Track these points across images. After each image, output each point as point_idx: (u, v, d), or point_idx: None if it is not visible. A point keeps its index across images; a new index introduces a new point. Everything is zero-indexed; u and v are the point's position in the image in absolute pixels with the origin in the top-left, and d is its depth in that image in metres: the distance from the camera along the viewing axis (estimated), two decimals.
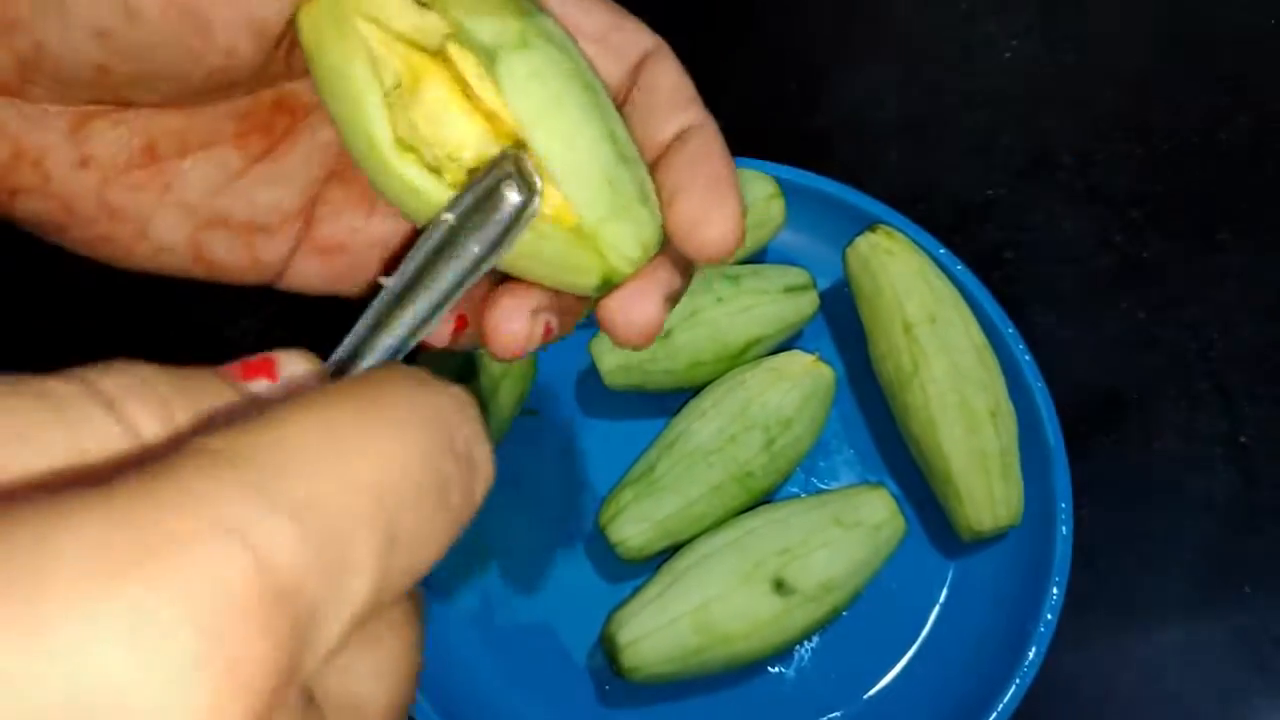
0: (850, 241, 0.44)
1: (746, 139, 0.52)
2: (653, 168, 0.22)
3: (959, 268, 0.44)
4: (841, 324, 0.46)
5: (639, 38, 0.23)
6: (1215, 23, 0.56)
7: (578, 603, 0.41)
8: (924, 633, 0.41)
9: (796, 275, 0.44)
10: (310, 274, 0.24)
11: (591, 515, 0.42)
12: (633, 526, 0.39)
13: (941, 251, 0.44)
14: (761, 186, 0.45)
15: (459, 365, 0.41)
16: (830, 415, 0.43)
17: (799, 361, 0.42)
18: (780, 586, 0.37)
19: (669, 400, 0.43)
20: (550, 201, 0.20)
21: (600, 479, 0.43)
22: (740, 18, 0.56)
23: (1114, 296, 0.49)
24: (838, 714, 0.40)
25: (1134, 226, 0.51)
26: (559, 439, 0.44)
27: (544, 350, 0.23)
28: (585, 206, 0.20)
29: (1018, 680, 0.38)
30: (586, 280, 0.21)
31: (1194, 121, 0.53)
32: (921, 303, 0.42)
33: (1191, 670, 0.41)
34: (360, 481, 0.12)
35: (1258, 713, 0.41)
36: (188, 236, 0.22)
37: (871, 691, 0.40)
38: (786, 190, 0.45)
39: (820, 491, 0.43)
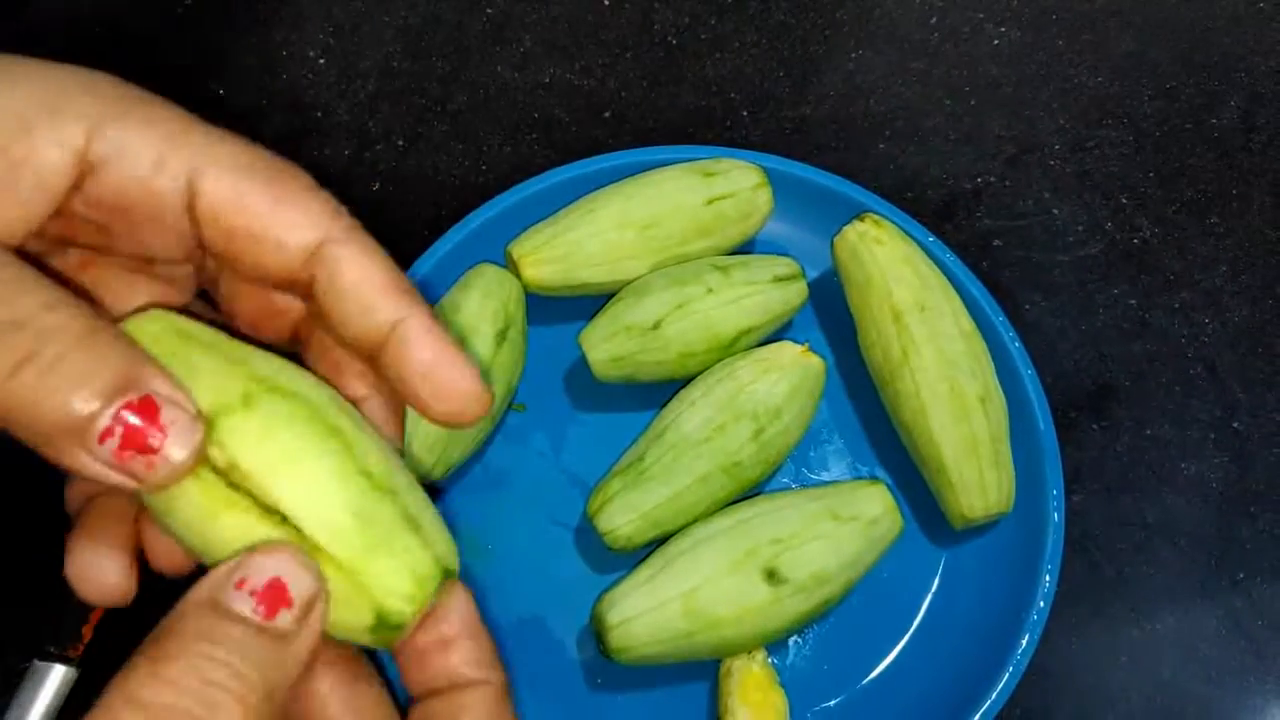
0: (838, 231, 0.44)
1: (735, 129, 0.52)
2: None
3: (948, 255, 0.44)
4: (831, 313, 0.46)
5: (303, 231, 0.22)
6: (1205, 7, 0.56)
7: (568, 594, 0.41)
8: (916, 622, 0.41)
9: (785, 265, 0.44)
10: None
11: (581, 508, 0.42)
12: (621, 516, 0.39)
13: (930, 239, 0.44)
14: (748, 176, 0.44)
15: None
16: (820, 405, 0.43)
17: (788, 351, 0.41)
18: (772, 576, 0.37)
19: (659, 392, 0.43)
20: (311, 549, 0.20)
21: (590, 471, 0.42)
22: (727, 7, 0.55)
23: (1105, 283, 0.49)
24: (831, 703, 0.39)
25: (1124, 212, 0.50)
26: (548, 433, 0.44)
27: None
28: (334, 545, 0.20)
29: (1011, 668, 0.37)
30: (359, 619, 0.21)
31: (1184, 106, 0.53)
32: (910, 291, 0.41)
33: (1186, 656, 0.41)
34: None
35: (1253, 698, 0.41)
36: None
37: (864, 680, 0.40)
38: (774, 180, 0.45)
39: (812, 481, 0.43)
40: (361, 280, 0.22)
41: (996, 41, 0.55)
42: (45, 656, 0.39)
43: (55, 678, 0.39)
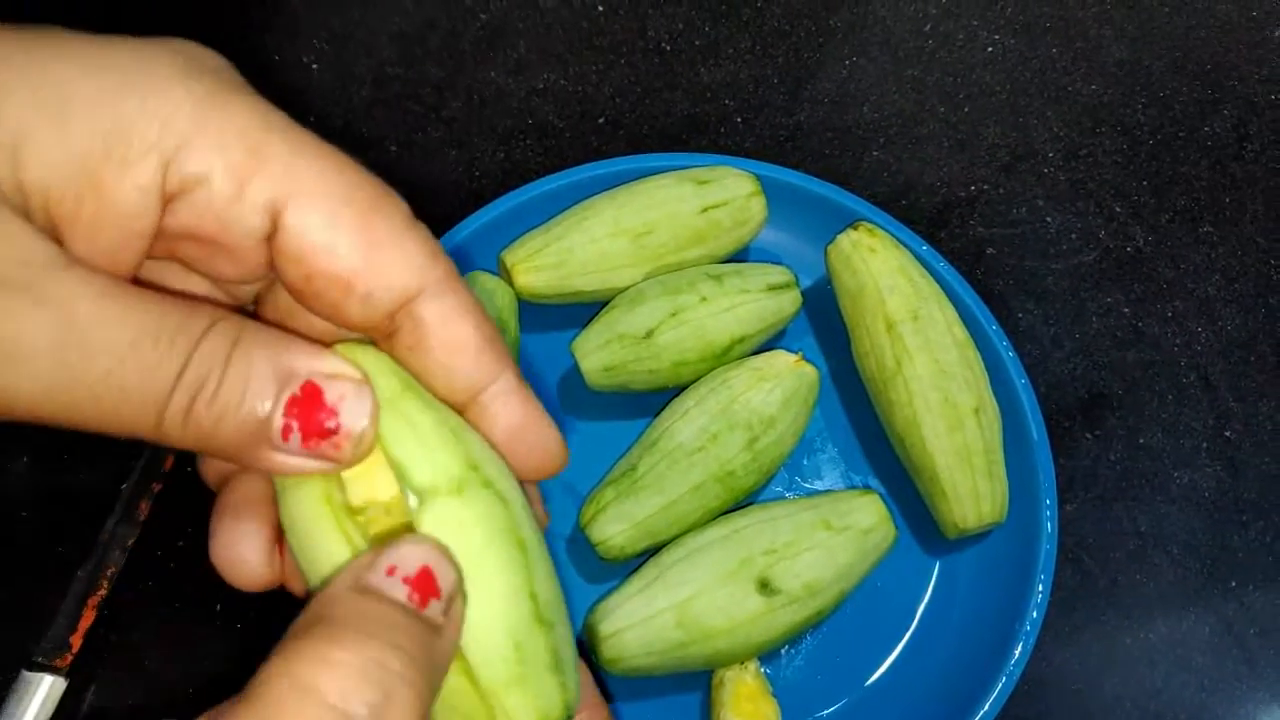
0: (832, 239, 0.44)
1: (727, 136, 0.52)
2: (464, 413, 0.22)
3: (941, 264, 0.44)
4: (824, 322, 0.46)
5: (397, 282, 0.20)
6: (1198, 15, 0.56)
7: None
8: (910, 631, 0.41)
9: (779, 274, 0.44)
10: None
11: (574, 517, 0.42)
12: (614, 526, 0.39)
13: (924, 248, 0.44)
14: (742, 184, 0.44)
15: None
16: (813, 414, 0.43)
17: (782, 360, 0.41)
18: (765, 587, 0.37)
19: (652, 401, 0.43)
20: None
21: (583, 481, 0.42)
22: (721, 14, 0.55)
23: (1098, 291, 0.49)
24: (824, 714, 0.39)
25: (1118, 221, 0.50)
26: None
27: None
28: (484, 667, 0.20)
29: (1004, 678, 0.37)
30: None
31: (1177, 115, 0.53)
32: (904, 300, 0.41)
33: (1178, 664, 0.41)
34: None
35: (1244, 706, 0.41)
36: None
37: (857, 691, 0.40)
38: (767, 188, 0.45)
39: (805, 491, 0.43)
40: (452, 342, 0.21)
41: (990, 49, 0.55)
42: (33, 666, 0.39)
43: (43, 688, 0.38)
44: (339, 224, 0.20)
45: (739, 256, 0.46)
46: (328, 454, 0.19)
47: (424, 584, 0.19)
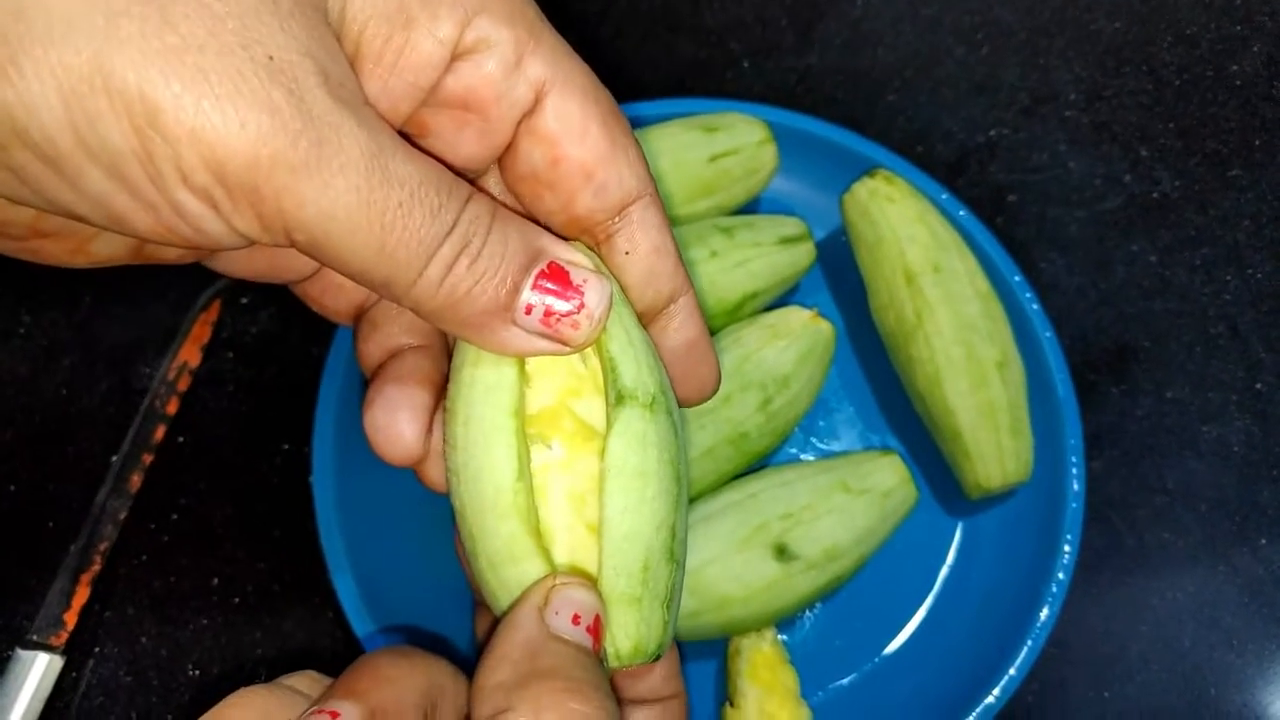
0: (847, 188, 0.42)
1: (736, 81, 0.50)
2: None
3: (962, 212, 0.42)
4: (840, 275, 0.44)
5: (627, 181, 0.22)
6: None
7: None
8: (932, 596, 0.39)
9: (792, 225, 0.42)
10: (245, 267, 0.24)
11: None
12: None
13: (944, 196, 0.42)
14: (752, 131, 0.42)
15: None
16: (830, 372, 0.41)
17: (797, 317, 0.40)
18: (782, 552, 0.36)
19: None
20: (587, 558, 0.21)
21: None
22: None
23: (1123, 239, 0.47)
24: (844, 681, 0.38)
25: (1143, 165, 0.48)
26: None
27: None
28: (610, 575, 0.21)
29: (1030, 642, 0.36)
30: None
31: (1205, 53, 0.51)
32: (924, 250, 0.39)
33: (1207, 624, 0.40)
34: None
35: (1275, 666, 0.40)
36: (127, 249, 0.23)
37: (878, 657, 0.39)
38: (779, 134, 0.43)
39: (822, 452, 0.42)
40: (657, 250, 0.22)
41: None
42: (28, 645, 0.38)
43: (40, 666, 0.37)
44: (590, 116, 0.21)
45: (750, 208, 0.44)
46: (562, 334, 0.20)
47: (596, 632, 0.20)
